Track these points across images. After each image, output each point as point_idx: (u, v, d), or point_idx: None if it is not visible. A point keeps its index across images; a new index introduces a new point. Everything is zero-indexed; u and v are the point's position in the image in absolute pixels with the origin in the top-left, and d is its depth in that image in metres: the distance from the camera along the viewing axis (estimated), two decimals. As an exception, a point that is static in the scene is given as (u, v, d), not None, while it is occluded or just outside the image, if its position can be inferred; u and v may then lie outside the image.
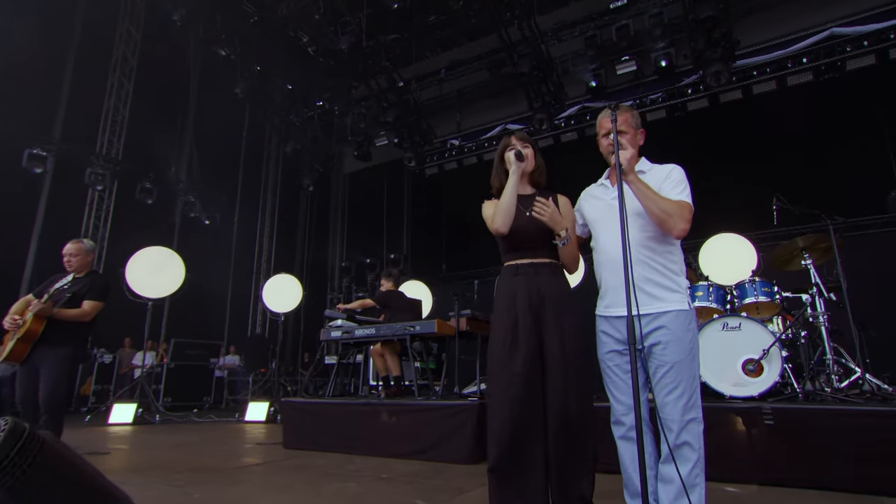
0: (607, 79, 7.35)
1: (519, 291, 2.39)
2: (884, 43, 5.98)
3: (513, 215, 2.47)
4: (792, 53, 6.41)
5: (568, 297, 2.43)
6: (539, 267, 2.46)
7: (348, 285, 11.36)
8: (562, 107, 7.57)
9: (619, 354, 2.36)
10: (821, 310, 3.67)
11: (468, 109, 9.00)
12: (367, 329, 5.24)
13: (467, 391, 4.94)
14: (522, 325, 2.31)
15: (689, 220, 2.21)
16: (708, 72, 6.23)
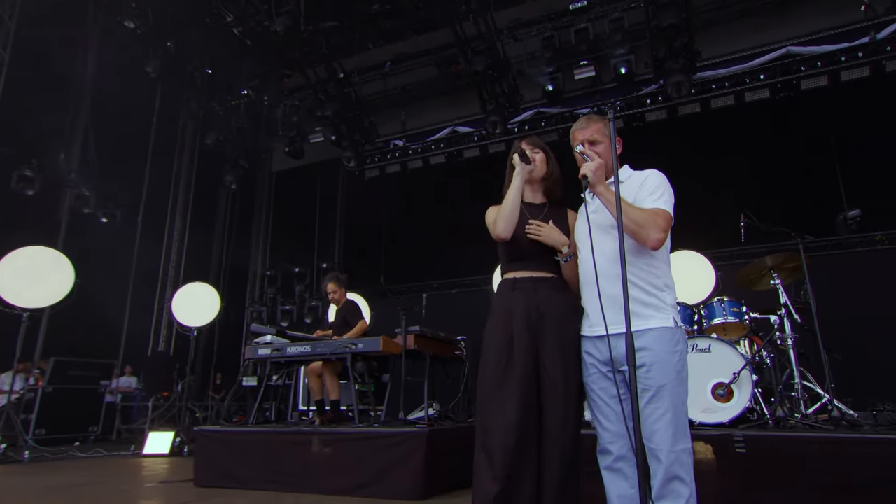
0: (564, 83, 7.47)
1: (516, 307, 2.34)
2: (836, 65, 6.42)
3: (515, 220, 2.42)
4: (750, 69, 6.77)
5: (570, 315, 2.38)
6: (539, 282, 2.41)
7: (273, 297, 10.88)
8: (517, 110, 7.61)
9: (604, 377, 2.30)
10: (788, 332, 3.80)
11: (414, 108, 8.91)
12: (302, 346, 4.98)
13: (413, 417, 4.79)
14: (519, 343, 2.26)
15: (664, 228, 2.19)
16: (669, 82, 6.45)
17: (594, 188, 2.26)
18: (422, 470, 3.72)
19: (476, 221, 8.61)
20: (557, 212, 2.56)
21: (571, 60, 7.38)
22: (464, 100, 8.19)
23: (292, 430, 4.35)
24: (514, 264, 2.48)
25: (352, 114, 8.70)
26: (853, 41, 6.37)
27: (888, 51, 6.20)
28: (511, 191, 2.45)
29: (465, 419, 5.19)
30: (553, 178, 2.61)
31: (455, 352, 5.44)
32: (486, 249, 8.26)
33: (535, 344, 2.28)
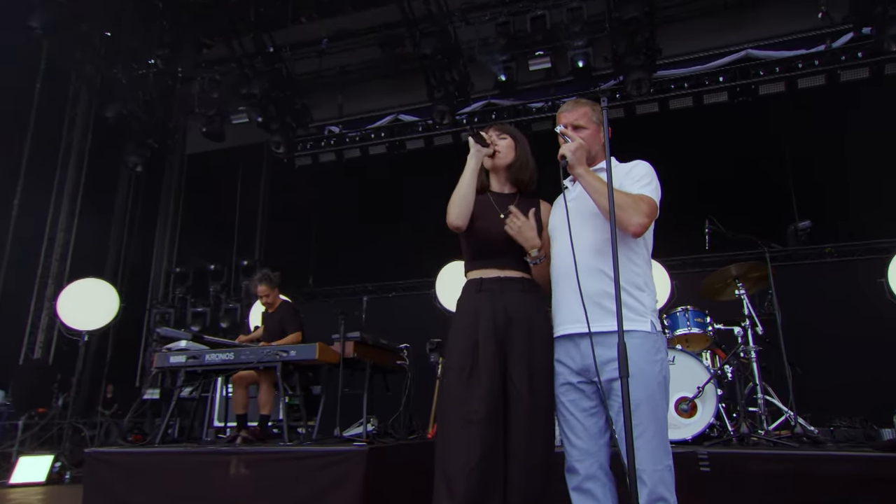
0: (518, 74, 7.53)
1: (482, 310, 2.30)
2: (793, 72, 6.81)
3: (470, 206, 2.38)
4: (709, 70, 7.06)
5: (540, 320, 2.35)
6: (507, 283, 2.37)
7: (182, 297, 10.33)
8: (466, 100, 7.60)
9: (575, 389, 2.29)
10: (752, 345, 3.96)
11: (353, 91, 8.74)
12: (224, 354, 4.75)
13: (350, 433, 4.69)
14: (484, 350, 2.21)
15: (648, 214, 2.21)
16: (629, 78, 6.63)
17: (573, 170, 2.26)
18: (360, 493, 3.61)
19: (418, 219, 8.59)
20: (529, 204, 2.54)
21: (526, 50, 7.45)
22: (409, 85, 8.10)
23: (209, 450, 4.12)
24: (480, 262, 2.45)
25: (282, 94, 8.41)
26: (810, 48, 6.77)
27: (843, 60, 6.62)
28: (464, 174, 2.42)
29: (407, 436, 5.12)
30: (521, 165, 2.59)
31: (397, 361, 5.37)
32: (430, 250, 8.27)
33: (501, 351, 2.25)
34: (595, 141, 2.46)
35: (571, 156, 2.25)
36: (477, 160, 2.46)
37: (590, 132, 2.45)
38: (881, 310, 5.28)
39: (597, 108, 2.53)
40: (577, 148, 2.27)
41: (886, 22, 5.86)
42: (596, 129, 2.48)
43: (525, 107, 7.68)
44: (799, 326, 4.83)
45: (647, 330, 2.20)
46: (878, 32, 6.01)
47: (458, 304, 2.48)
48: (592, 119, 2.49)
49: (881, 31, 5.94)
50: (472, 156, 2.46)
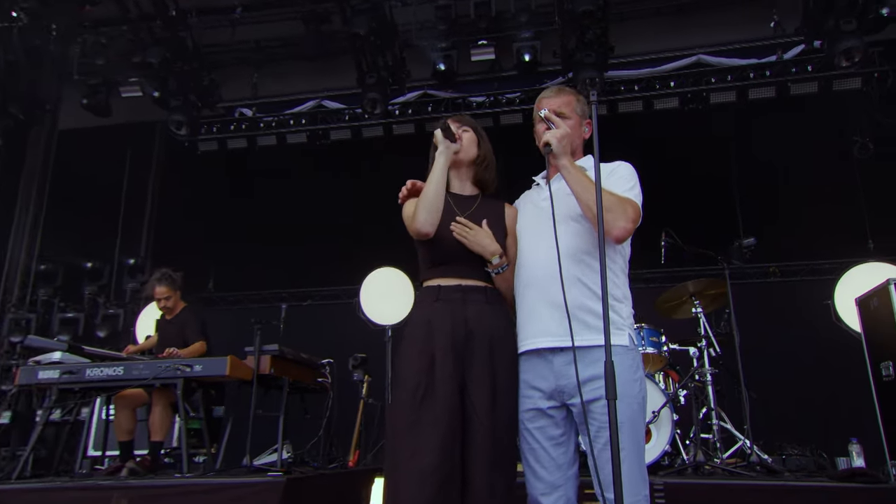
0: (459, 64, 7.53)
1: (439, 323, 2.26)
2: (744, 81, 7.20)
3: (440, 210, 2.35)
4: (661, 74, 7.34)
5: (505, 334, 2.34)
6: (469, 292, 2.34)
7: (48, 299, 9.62)
8: (401, 89, 7.53)
9: (544, 415, 2.28)
10: (707, 367, 4.10)
11: (271, 70, 8.49)
12: (111, 368, 4.47)
13: (262, 462, 4.55)
14: (441, 368, 2.17)
15: (633, 219, 2.25)
16: (579, 77, 6.77)
17: (557, 160, 2.25)
18: (276, 533, 3.47)
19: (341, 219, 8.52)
20: (491, 206, 2.55)
21: (469, 38, 7.47)
22: (336, 68, 7.94)
23: (85, 485, 3.90)
24: (438, 269, 2.42)
25: (186, 66, 7.99)
26: (762, 58, 7.19)
27: (793, 73, 7.07)
28: (433, 172, 2.39)
29: (327, 464, 5.02)
30: (485, 163, 2.60)
31: (318, 379, 5.27)
32: (354, 254, 8.17)
33: (460, 370, 2.21)
34: (576, 134, 2.47)
35: (557, 143, 2.24)
36: (447, 158, 2.44)
37: (572, 123, 2.46)
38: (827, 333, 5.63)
39: (581, 99, 2.56)
40: (563, 135, 2.26)
41: (838, 36, 6.26)
42: (578, 121, 2.50)
43: (465, 100, 7.70)
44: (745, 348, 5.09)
45: (625, 344, 2.22)
46: (828, 46, 6.43)
47: (412, 314, 2.44)
48: (576, 110, 2.51)
49: (832, 45, 6.35)
50: (440, 153, 2.43)
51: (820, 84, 7.02)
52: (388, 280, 7.07)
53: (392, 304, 6.82)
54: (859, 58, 6.24)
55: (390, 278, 7.08)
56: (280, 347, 4.79)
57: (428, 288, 2.40)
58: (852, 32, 6.19)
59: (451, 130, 2.44)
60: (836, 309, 5.42)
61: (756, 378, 4.55)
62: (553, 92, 2.53)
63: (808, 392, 5.90)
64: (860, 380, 3.90)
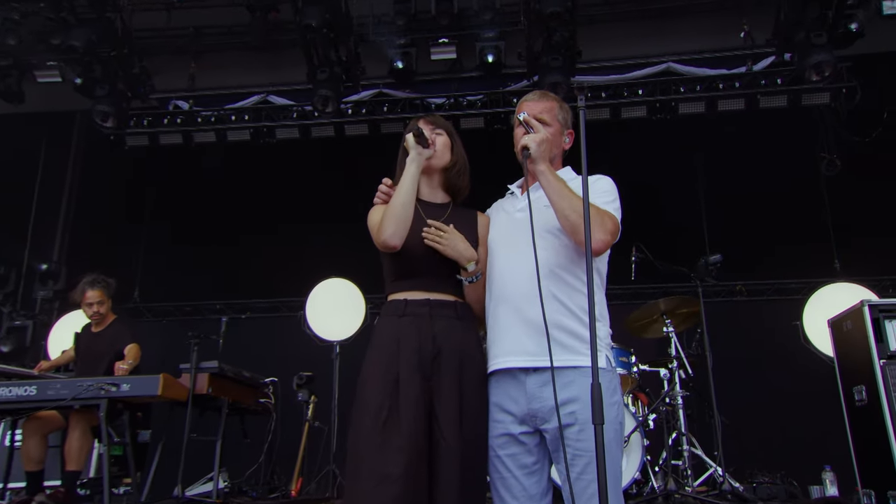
0: (418, 62, 7.54)
1: (405, 340, 2.26)
2: (714, 92, 7.43)
3: (408, 222, 2.36)
4: (629, 81, 7.52)
5: (475, 352, 2.35)
6: (437, 307, 2.34)
7: (-55, 309, 9.21)
8: (355, 86, 7.49)
9: (516, 442, 2.29)
10: (678, 389, 4.20)
11: (212, 60, 8.33)
12: (21, 387, 4.28)
13: (195, 492, 4.44)
14: (406, 389, 2.17)
15: (611, 231, 2.30)
16: (545, 81, 6.85)
17: (535, 165, 2.28)
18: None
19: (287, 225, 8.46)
20: (463, 215, 2.56)
21: (429, 35, 7.49)
22: (284, 61, 7.88)
23: None
24: (404, 282, 2.42)
25: (114, 52, 7.76)
26: (732, 68, 7.43)
27: (763, 85, 7.34)
28: (404, 182, 2.39)
29: (267, 494, 4.95)
30: (458, 169, 2.62)
31: (260, 399, 5.21)
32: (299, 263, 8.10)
33: (427, 391, 2.21)
34: (556, 143, 2.51)
35: (536, 147, 2.27)
36: (419, 165, 2.43)
37: (553, 131, 2.50)
38: (798, 354, 5.86)
39: (564, 106, 2.61)
40: (542, 140, 2.29)
41: (808, 50, 6.52)
42: (559, 129, 2.54)
43: (423, 101, 7.70)
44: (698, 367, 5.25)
45: (604, 366, 2.24)
46: (799, 60, 6.70)
47: (376, 330, 2.42)
48: (558, 117, 2.55)
49: (802, 58, 6.61)
50: (412, 160, 2.42)
51: (789, 98, 7.29)
52: (336, 292, 7.03)
53: (341, 319, 6.78)
54: (829, 72, 6.50)
55: (339, 290, 7.03)
56: (220, 365, 4.72)
57: (393, 302, 2.39)
58: (822, 46, 6.46)
59: (425, 136, 2.43)
60: (805, 330, 5.62)
61: (725, 401, 4.68)
62: (536, 96, 2.57)
63: (779, 416, 6.11)
64: (833, 404, 4.07)
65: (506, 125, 7.58)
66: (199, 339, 4.76)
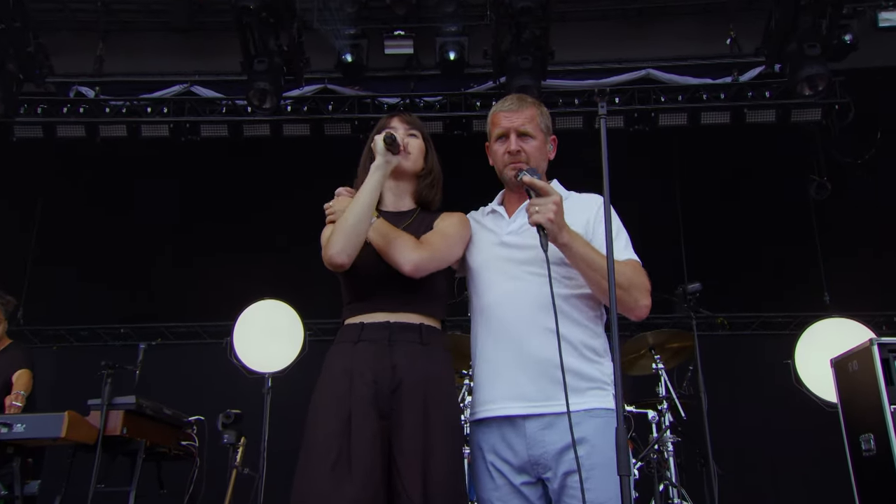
0: (369, 56, 7.52)
1: (359, 370, 2.23)
2: (697, 102, 7.66)
3: (362, 237, 2.31)
4: (604, 87, 7.67)
5: (444, 384, 2.35)
6: (399, 330, 2.32)
7: None
8: (297, 80, 7.42)
9: (517, 494, 2.30)
10: (668, 435, 4.27)
11: (124, 42, 8.19)
12: None
13: None
14: (359, 429, 2.14)
15: (649, 289, 2.34)
16: (513, 83, 6.93)
17: (556, 240, 2.20)
18: None
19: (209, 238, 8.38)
20: (428, 219, 2.56)
21: (383, 27, 7.50)
22: (214, 47, 7.79)
23: None
24: (360, 304, 2.40)
25: (3, 25, 7.47)
26: (716, 78, 7.68)
27: (750, 97, 7.60)
28: (363, 193, 2.36)
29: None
30: (432, 179, 2.63)
31: (181, 442, 5.08)
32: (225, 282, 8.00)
33: (385, 432, 2.19)
34: (541, 155, 2.54)
35: (551, 224, 2.16)
36: (383, 174, 2.41)
37: (537, 144, 2.53)
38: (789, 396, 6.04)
39: (544, 111, 2.63)
40: (557, 210, 2.19)
41: (801, 62, 6.78)
42: (543, 139, 2.57)
43: (374, 101, 7.69)
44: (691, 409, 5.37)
45: (609, 407, 2.28)
46: (790, 72, 6.96)
47: (327, 359, 2.40)
48: (540, 126, 2.57)
49: (794, 71, 6.87)
50: (377, 167, 2.39)
51: (778, 113, 7.57)
52: (270, 316, 6.91)
53: (275, 347, 6.67)
54: (823, 86, 6.78)
55: (273, 314, 6.92)
56: (138, 400, 4.57)
57: (348, 327, 2.38)
58: (816, 58, 6.72)
59: (397, 142, 2.41)
60: (797, 370, 5.81)
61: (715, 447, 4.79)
62: (514, 104, 2.56)
63: (775, 465, 6.28)
64: (835, 452, 4.19)
65: (467, 131, 7.65)
66: (112, 370, 4.61)
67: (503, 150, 2.51)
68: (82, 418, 4.35)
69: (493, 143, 2.59)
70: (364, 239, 2.31)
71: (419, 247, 2.32)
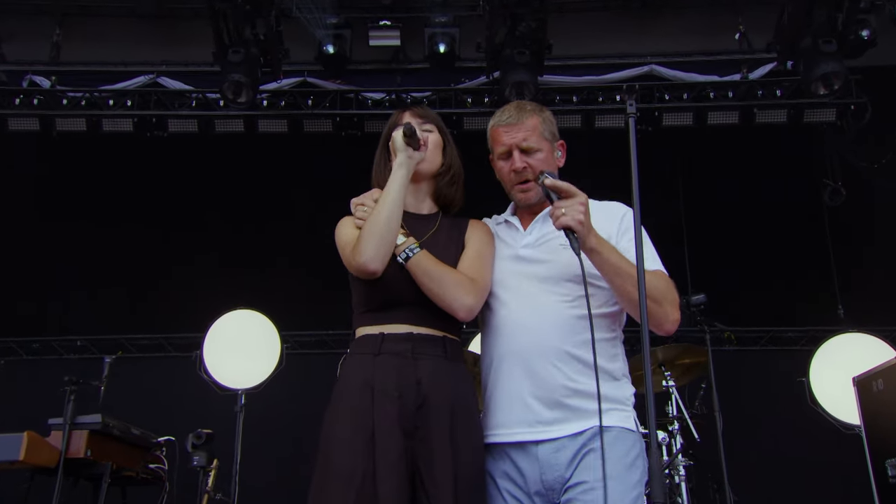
0: (352, 48, 7.50)
1: (381, 384, 2.22)
2: (704, 101, 7.71)
3: (393, 241, 2.33)
4: (605, 84, 7.70)
5: (470, 403, 2.36)
6: (422, 343, 2.31)
7: None
8: (275, 73, 7.38)
9: None
10: (680, 458, 4.28)
11: (83, 28, 8.10)
12: None
13: None
14: (384, 451, 2.12)
15: (679, 303, 2.35)
16: (509, 79, 6.95)
17: (584, 245, 2.21)
18: None
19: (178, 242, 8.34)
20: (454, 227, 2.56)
21: (368, 16, 7.45)
22: (183, 35, 7.75)
23: None
24: (380, 314, 2.37)
25: (-54, 6, 7.47)
26: (724, 75, 7.73)
27: (760, 96, 7.65)
28: (389, 193, 2.37)
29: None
30: (452, 176, 2.62)
31: (149, 465, 5.05)
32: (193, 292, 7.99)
33: (410, 450, 2.18)
34: (549, 167, 2.53)
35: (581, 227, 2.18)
36: (408, 171, 2.41)
37: (543, 156, 2.52)
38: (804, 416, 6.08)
39: (546, 116, 2.62)
40: (586, 211, 2.21)
41: (815, 58, 6.82)
42: (550, 148, 2.56)
43: (358, 96, 7.68)
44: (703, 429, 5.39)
45: (630, 427, 2.32)
46: (805, 70, 7.00)
47: (344, 372, 2.39)
48: (544, 135, 2.56)
49: (809, 68, 6.91)
50: (400, 164, 2.40)
51: (789, 113, 7.63)
52: (243, 327, 6.88)
53: (249, 361, 6.63)
54: (839, 85, 6.83)
55: (247, 325, 6.89)
56: (104, 419, 4.53)
57: (366, 337, 2.35)
58: (832, 55, 6.76)
59: (417, 136, 2.41)
60: (812, 389, 5.84)
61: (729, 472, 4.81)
62: (513, 116, 2.53)
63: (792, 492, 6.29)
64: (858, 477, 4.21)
65: (458, 129, 7.63)
66: (76, 386, 4.57)
67: (508, 168, 2.51)
68: (42, 439, 4.31)
69: (496, 160, 2.59)
70: (394, 244, 2.31)
71: (472, 287, 2.32)
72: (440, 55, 7.40)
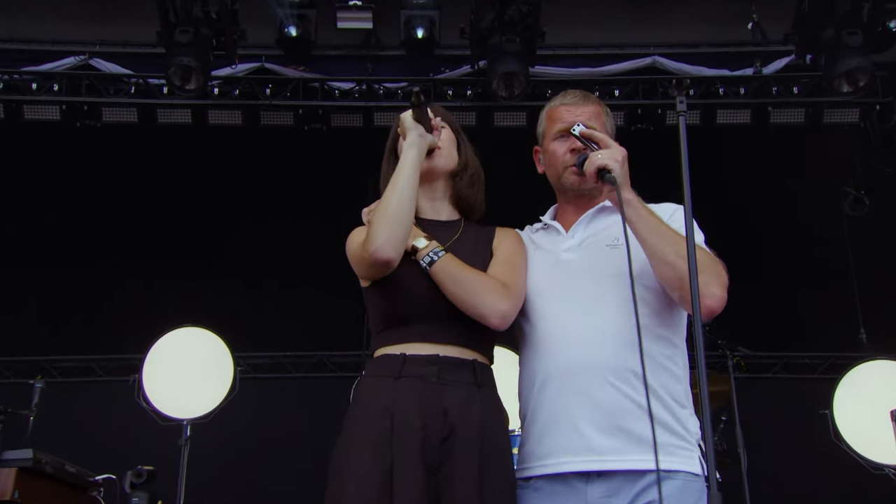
0: (317, 31, 7.46)
1: (402, 413, 2.22)
2: (712, 98, 7.77)
3: (408, 227, 2.33)
4: (603, 77, 7.75)
5: (501, 436, 2.38)
6: (449, 367, 2.30)
7: None
8: (230, 57, 7.32)
9: None
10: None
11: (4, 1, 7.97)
12: None
13: None
14: (404, 489, 2.11)
15: (726, 285, 2.36)
16: (497, 69, 6.97)
17: (620, 192, 2.26)
18: None
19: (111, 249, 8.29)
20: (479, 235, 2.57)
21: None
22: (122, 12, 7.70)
23: None
24: (399, 331, 2.37)
25: None
26: (735, 69, 7.80)
27: (775, 93, 7.73)
28: (401, 174, 2.36)
29: None
30: (470, 175, 2.63)
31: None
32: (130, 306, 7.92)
33: (433, 488, 2.16)
34: None
35: (620, 170, 2.27)
36: (420, 150, 2.41)
37: None
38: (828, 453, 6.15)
39: (608, 110, 2.69)
40: (624, 157, 2.32)
41: (839, 52, 6.89)
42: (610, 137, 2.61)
43: (324, 86, 7.65)
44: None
45: (696, 471, 2.29)
46: (826, 65, 7.06)
47: (359, 396, 2.39)
48: (606, 126, 2.62)
49: (831, 63, 6.97)
50: (411, 143, 2.40)
51: (808, 112, 7.72)
52: (188, 347, 6.83)
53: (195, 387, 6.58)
54: (865, 82, 6.88)
55: (193, 345, 6.84)
56: (36, 455, 4.47)
57: (385, 358, 2.35)
58: (857, 49, 6.81)
59: (427, 114, 2.41)
60: (836, 422, 5.90)
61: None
62: (577, 98, 2.64)
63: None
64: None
65: (437, 125, 7.65)
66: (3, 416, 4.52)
67: (565, 148, 2.52)
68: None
69: (550, 141, 2.61)
70: (409, 228, 2.31)
71: (506, 293, 2.32)
72: (417, 41, 7.39)
